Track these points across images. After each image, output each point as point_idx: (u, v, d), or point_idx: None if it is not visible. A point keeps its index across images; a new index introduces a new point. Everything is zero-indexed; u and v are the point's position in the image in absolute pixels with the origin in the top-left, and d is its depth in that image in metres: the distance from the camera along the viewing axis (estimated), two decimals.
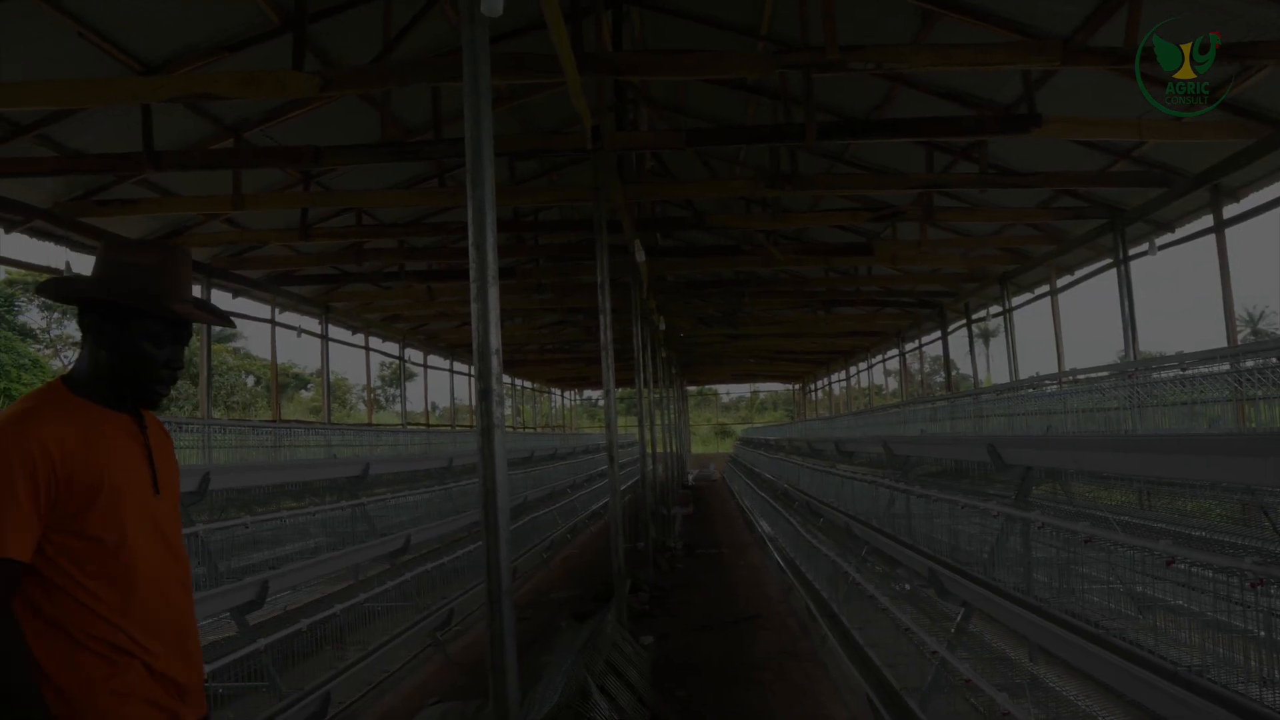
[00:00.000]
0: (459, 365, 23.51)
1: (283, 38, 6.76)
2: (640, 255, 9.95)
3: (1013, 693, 4.69)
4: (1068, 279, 12.86)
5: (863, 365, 27.59)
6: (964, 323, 17.33)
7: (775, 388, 55.90)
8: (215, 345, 31.79)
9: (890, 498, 7.87)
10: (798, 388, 43.94)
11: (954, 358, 22.17)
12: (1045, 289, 13.52)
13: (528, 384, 33.77)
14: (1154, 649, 3.51)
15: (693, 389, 49.49)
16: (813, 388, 38.88)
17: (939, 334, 18.50)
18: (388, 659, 7.18)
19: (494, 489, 3.17)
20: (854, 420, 15.43)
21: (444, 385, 23.91)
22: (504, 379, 3.24)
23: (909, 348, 22.23)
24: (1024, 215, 10.85)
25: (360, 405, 45.01)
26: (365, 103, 8.37)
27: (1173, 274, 71.49)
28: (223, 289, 12.23)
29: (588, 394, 47.53)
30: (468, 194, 3.24)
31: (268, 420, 17.80)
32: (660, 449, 20.14)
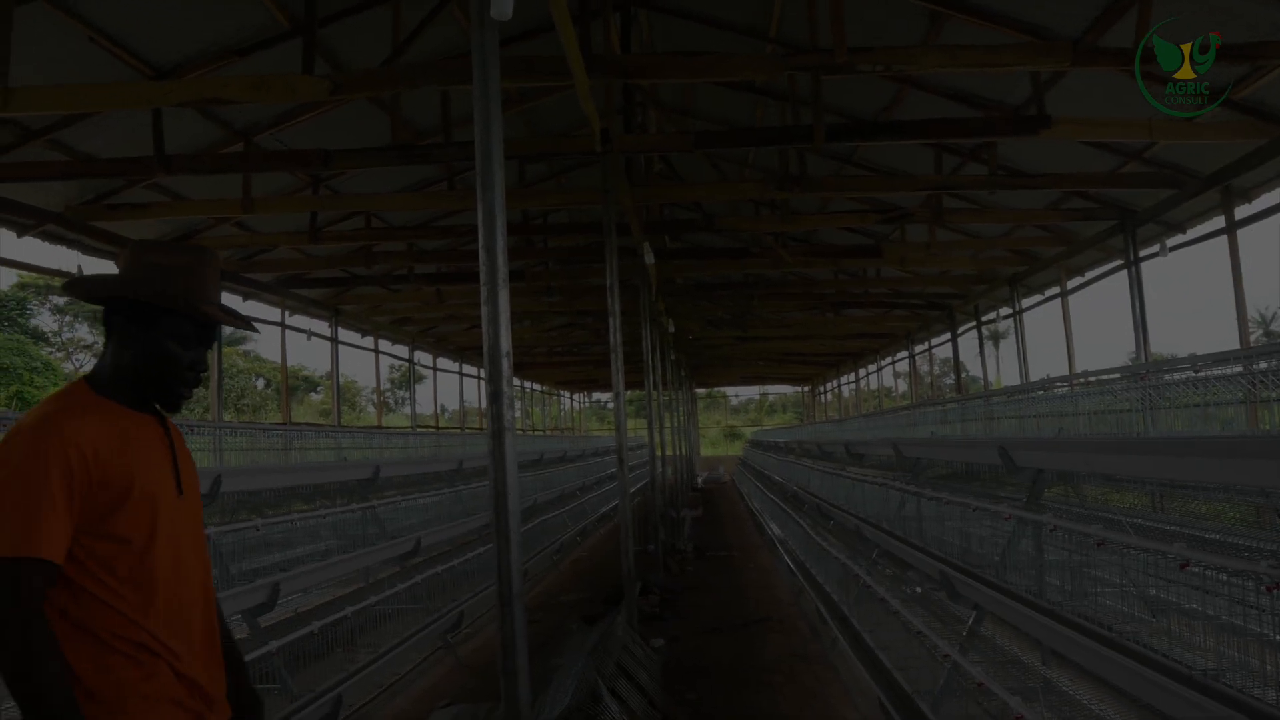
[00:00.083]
0: (468, 368, 23.55)
1: (292, 42, 6.79)
2: (649, 258, 9.96)
3: (1026, 696, 4.66)
4: (1078, 280, 12.81)
5: (872, 367, 27.53)
6: (974, 325, 17.28)
7: (784, 390, 55.91)
8: (226, 348, 31.90)
9: (901, 500, 7.84)
10: (807, 390, 43.87)
11: (963, 360, 22.09)
12: (1055, 290, 13.47)
13: (537, 386, 33.79)
14: (1168, 653, 3.49)
15: (702, 392, 49.49)
16: (822, 390, 38.81)
17: (948, 336, 18.46)
18: (399, 661, 7.19)
19: (505, 492, 3.17)
20: (864, 422, 15.38)
21: (453, 388, 24.06)
22: (514, 381, 3.24)
23: (918, 350, 22.17)
24: (1034, 217, 10.82)
25: (370, 408, 45.15)
26: (375, 106, 8.40)
27: (1184, 275, 71.28)
28: (233, 292, 12.27)
29: (596, 396, 47.59)
30: (478, 197, 3.24)
31: (278, 423, 17.85)
32: (669, 451, 20.13)
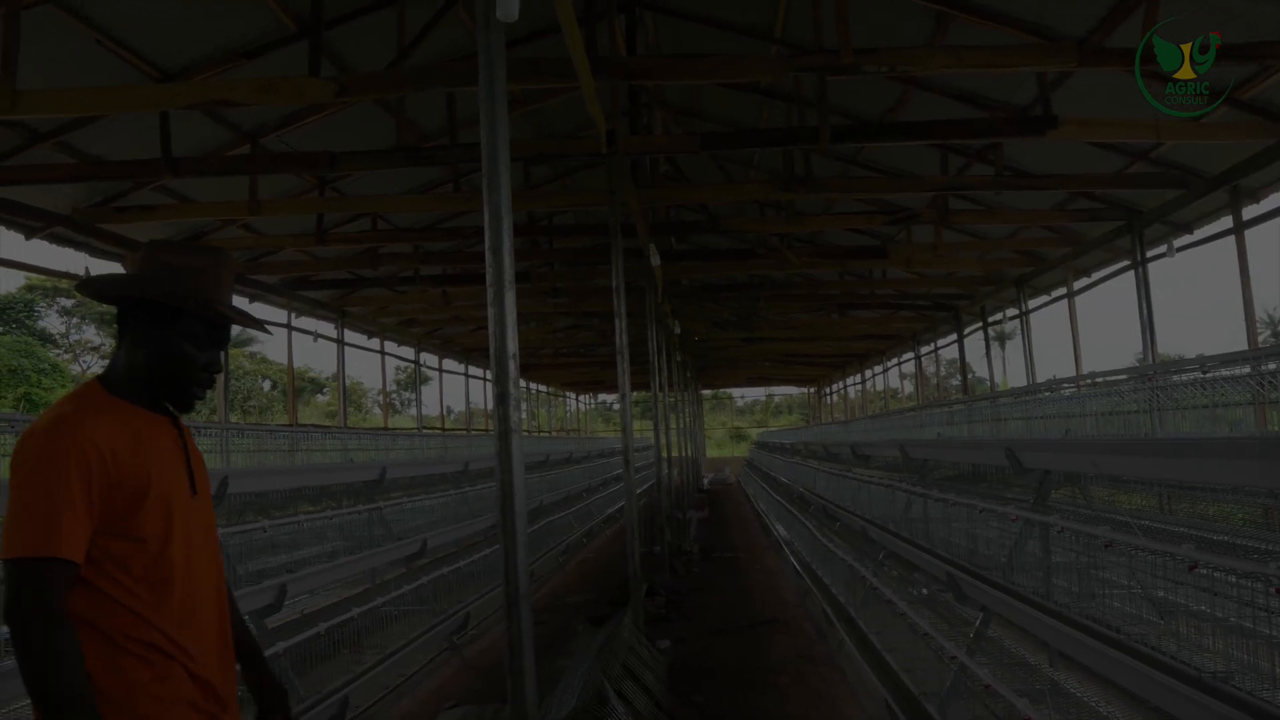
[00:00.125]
0: (474, 369, 23.58)
1: (299, 44, 6.81)
2: (655, 259, 9.96)
3: (1033, 698, 4.65)
4: (1085, 281, 12.77)
5: (878, 369, 27.50)
6: (980, 326, 17.25)
7: (790, 391, 55.76)
8: (232, 350, 31.99)
9: (907, 501, 7.83)
10: (813, 391, 43.84)
11: (970, 361, 22.03)
12: (1062, 291, 13.44)
13: (542, 388, 33.83)
14: (1177, 655, 3.48)
15: (707, 393, 49.45)
16: (828, 391, 38.78)
17: (954, 337, 18.43)
18: (405, 663, 7.20)
19: (512, 493, 3.16)
20: (870, 424, 15.35)
21: (459, 389, 24.05)
22: (520, 383, 3.23)
23: (924, 351, 22.14)
24: (1040, 217, 10.78)
25: (376, 409, 45.18)
26: (380, 108, 8.41)
27: (1191, 276, 70.90)
28: (239, 294, 12.28)
29: (602, 398, 47.58)
30: (484, 199, 3.24)
31: (284, 424, 17.88)
32: (675, 453, 20.12)
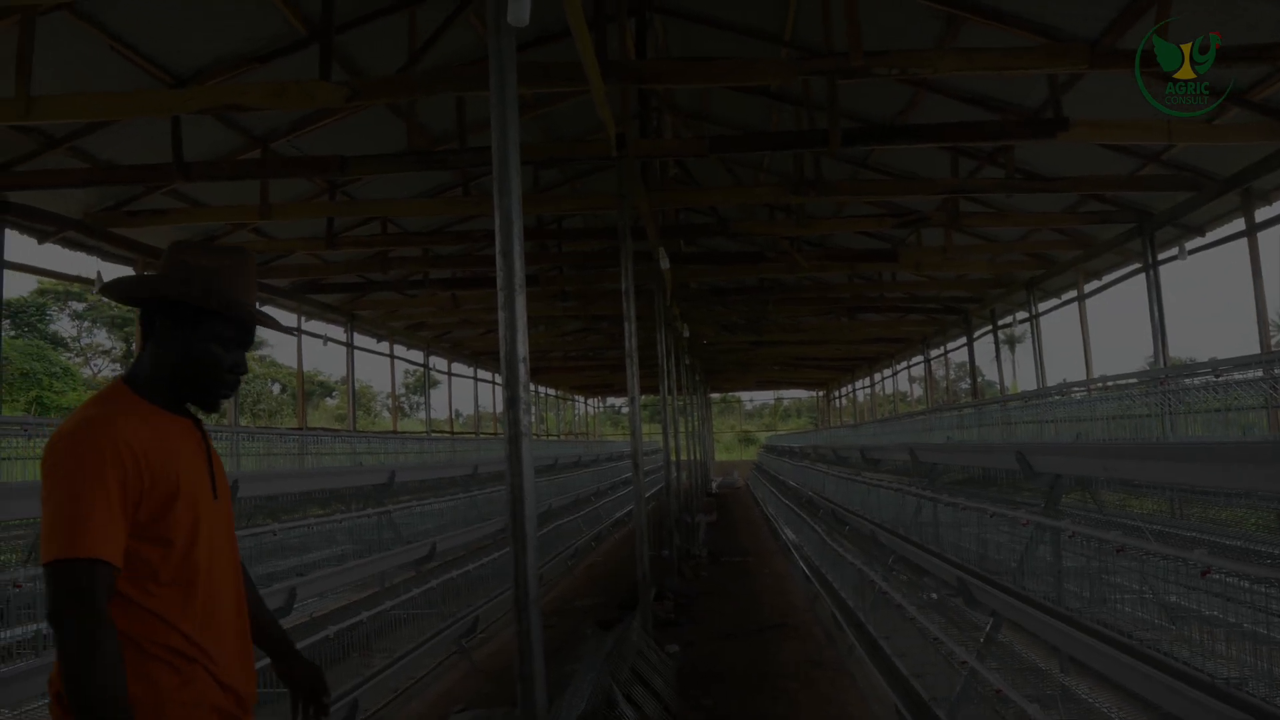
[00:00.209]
0: (483, 372, 23.62)
1: (310, 49, 6.82)
2: (664, 262, 9.95)
3: (1044, 704, 4.62)
4: (1095, 284, 12.72)
5: (887, 372, 27.44)
6: (990, 329, 17.20)
7: (799, 395, 55.66)
8: None
9: (917, 506, 7.80)
10: (822, 395, 43.75)
11: (979, 364, 21.97)
12: (1073, 294, 13.38)
13: (551, 391, 33.85)
14: (1189, 660, 3.45)
15: (716, 396, 49.42)
16: (837, 394, 38.70)
17: (964, 340, 18.37)
18: (414, 666, 7.20)
19: (522, 497, 3.17)
20: (879, 427, 15.33)
21: (468, 392, 24.06)
22: (530, 387, 3.23)
23: (934, 354, 22.08)
24: (1051, 220, 10.75)
25: (385, 413, 45.28)
26: (391, 112, 8.44)
27: (1203, 278, 70.45)
28: None
29: (611, 401, 47.60)
30: (494, 203, 3.24)
31: (294, 428, 17.94)
32: (684, 456, 20.10)
